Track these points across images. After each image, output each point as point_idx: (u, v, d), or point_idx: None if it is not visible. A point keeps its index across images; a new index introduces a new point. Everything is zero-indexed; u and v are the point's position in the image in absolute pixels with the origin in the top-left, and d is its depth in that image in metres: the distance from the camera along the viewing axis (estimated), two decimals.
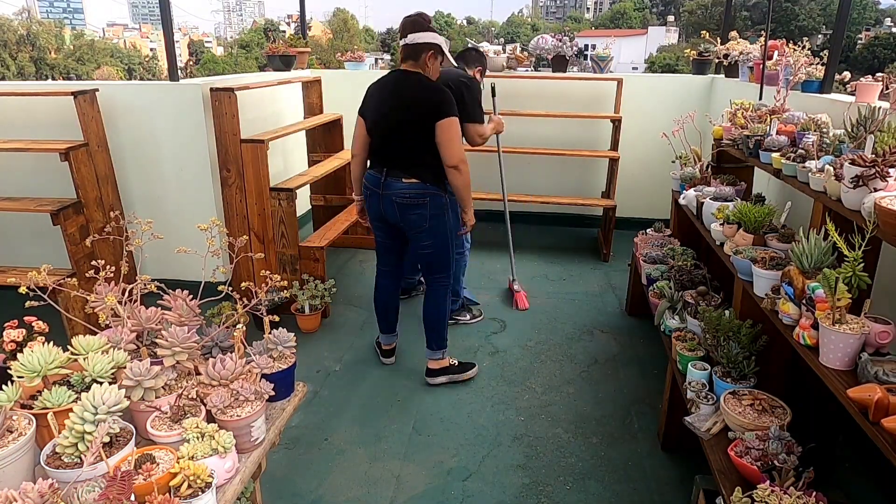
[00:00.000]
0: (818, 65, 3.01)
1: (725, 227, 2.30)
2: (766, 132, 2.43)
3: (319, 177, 3.90)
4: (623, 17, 60.11)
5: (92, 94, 3.34)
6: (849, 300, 1.49)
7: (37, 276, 1.39)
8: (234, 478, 1.25)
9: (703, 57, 4.88)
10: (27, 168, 3.65)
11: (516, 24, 69.25)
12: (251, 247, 3.46)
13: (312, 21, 59.07)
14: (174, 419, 1.28)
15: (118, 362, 1.32)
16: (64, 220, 3.14)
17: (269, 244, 3.50)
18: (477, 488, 2.25)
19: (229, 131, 3.32)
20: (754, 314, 2.06)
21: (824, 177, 1.80)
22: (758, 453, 1.68)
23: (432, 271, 2.84)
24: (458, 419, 2.66)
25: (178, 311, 1.51)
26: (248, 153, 3.34)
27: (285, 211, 3.45)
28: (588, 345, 3.31)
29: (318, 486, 2.25)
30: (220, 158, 3.39)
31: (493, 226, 5.34)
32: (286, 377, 1.53)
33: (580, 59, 5.10)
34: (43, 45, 39.61)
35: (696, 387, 2.11)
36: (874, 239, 1.52)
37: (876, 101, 2.40)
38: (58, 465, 1.12)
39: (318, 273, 3.55)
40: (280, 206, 3.45)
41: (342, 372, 3.04)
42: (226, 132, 3.33)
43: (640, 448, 2.48)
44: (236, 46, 51.20)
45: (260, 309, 1.52)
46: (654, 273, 3.03)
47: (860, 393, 1.32)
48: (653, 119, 4.79)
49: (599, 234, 5.07)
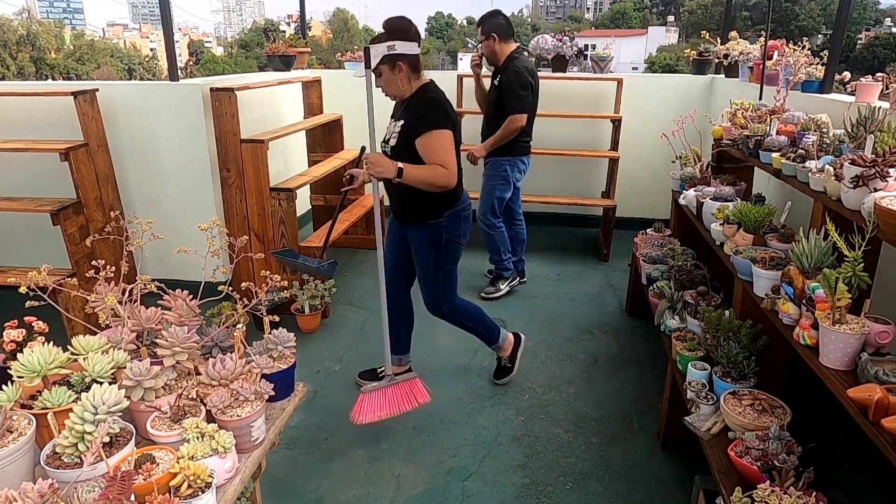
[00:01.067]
0: (818, 65, 3.01)
1: (725, 227, 2.30)
2: (766, 132, 2.43)
3: (319, 177, 3.90)
4: (623, 17, 60.13)
5: (92, 94, 3.34)
6: (849, 300, 1.49)
7: (37, 276, 1.39)
8: (234, 478, 1.25)
9: (703, 57, 4.88)
10: (27, 168, 3.65)
11: (516, 24, 69.10)
12: (251, 247, 3.46)
13: (312, 21, 59.09)
14: (174, 419, 1.28)
15: (118, 362, 1.32)
16: (64, 220, 3.14)
17: (269, 244, 3.50)
18: (477, 488, 2.25)
19: (229, 131, 3.32)
20: (754, 314, 2.06)
21: (824, 177, 1.80)
22: (758, 453, 1.68)
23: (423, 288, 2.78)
24: (458, 419, 2.66)
25: (178, 311, 1.51)
26: (248, 153, 3.34)
27: (285, 211, 3.45)
28: (588, 345, 3.31)
29: (318, 486, 2.25)
30: (221, 158, 3.39)
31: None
32: (286, 377, 1.53)
33: (580, 59, 5.08)
34: (43, 45, 39.62)
35: (696, 387, 2.11)
36: (874, 239, 1.52)
37: (876, 101, 2.40)
38: (58, 465, 1.12)
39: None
40: (280, 206, 3.44)
41: (342, 372, 3.04)
42: (226, 132, 3.32)
43: (640, 448, 2.48)
44: (236, 46, 51.24)
45: (260, 309, 1.52)
46: (654, 273, 3.03)
47: (860, 393, 1.32)
48: (653, 119, 4.79)
49: (599, 234, 5.07)
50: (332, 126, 4.56)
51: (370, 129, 2.30)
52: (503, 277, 3.93)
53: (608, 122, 4.88)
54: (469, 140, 5.06)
